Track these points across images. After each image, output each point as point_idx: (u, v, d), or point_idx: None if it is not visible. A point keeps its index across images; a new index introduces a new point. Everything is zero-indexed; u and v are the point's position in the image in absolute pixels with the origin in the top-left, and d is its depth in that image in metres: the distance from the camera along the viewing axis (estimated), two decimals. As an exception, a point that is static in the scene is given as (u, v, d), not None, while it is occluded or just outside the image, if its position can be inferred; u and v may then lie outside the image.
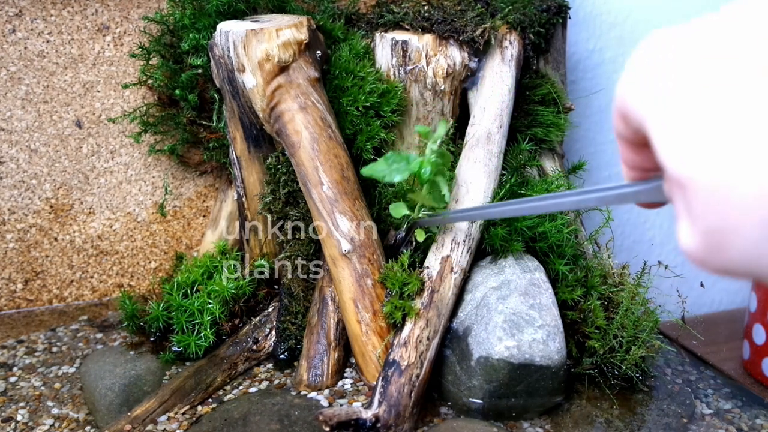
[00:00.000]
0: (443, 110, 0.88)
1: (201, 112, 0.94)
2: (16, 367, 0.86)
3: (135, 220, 1.02)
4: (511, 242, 0.80)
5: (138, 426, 0.74)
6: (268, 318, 0.89)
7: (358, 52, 0.87)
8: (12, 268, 0.98)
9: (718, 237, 0.20)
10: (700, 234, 0.21)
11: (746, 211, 0.19)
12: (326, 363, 0.81)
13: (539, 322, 0.74)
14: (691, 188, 0.21)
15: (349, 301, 0.79)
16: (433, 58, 0.85)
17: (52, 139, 0.96)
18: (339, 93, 0.86)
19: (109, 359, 0.84)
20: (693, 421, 0.78)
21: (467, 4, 0.89)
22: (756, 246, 0.19)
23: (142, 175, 1.01)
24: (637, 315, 0.80)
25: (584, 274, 0.84)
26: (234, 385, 0.82)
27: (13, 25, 0.91)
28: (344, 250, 0.79)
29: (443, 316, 0.77)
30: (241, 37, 0.79)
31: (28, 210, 0.97)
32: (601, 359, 0.80)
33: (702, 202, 0.20)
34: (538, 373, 0.73)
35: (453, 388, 0.77)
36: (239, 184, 0.91)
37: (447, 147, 0.89)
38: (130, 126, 0.98)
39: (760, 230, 0.19)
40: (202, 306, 0.86)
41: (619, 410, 0.78)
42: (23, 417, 0.76)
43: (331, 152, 0.81)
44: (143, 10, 0.96)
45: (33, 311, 1.00)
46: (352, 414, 0.68)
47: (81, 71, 0.95)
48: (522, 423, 0.76)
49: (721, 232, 0.20)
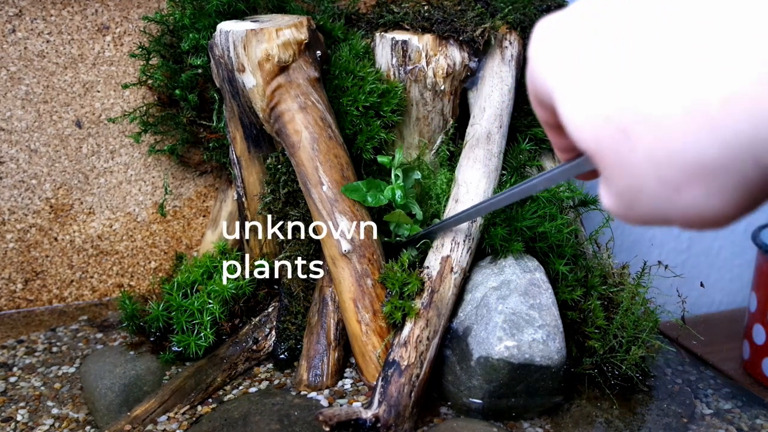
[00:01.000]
0: (443, 110, 0.88)
1: (201, 112, 0.94)
2: (16, 367, 0.86)
3: (135, 220, 1.02)
4: (511, 242, 0.80)
5: (138, 426, 0.74)
6: (268, 318, 0.89)
7: (358, 52, 0.87)
8: (12, 268, 0.98)
9: (629, 196, 0.24)
10: (615, 195, 0.25)
11: (645, 173, 0.22)
12: (326, 363, 0.81)
13: (539, 322, 0.74)
14: (599, 158, 0.24)
15: (349, 301, 0.79)
16: (433, 58, 0.85)
17: (52, 139, 0.96)
18: (339, 93, 0.86)
19: (109, 359, 0.84)
20: (693, 421, 0.78)
21: (467, 4, 0.89)
22: (661, 200, 0.22)
23: (142, 175, 1.01)
24: (637, 315, 0.80)
25: (584, 274, 0.84)
26: (234, 385, 0.82)
27: (13, 25, 0.91)
28: (344, 250, 0.79)
29: (443, 316, 0.77)
30: (241, 37, 0.79)
31: (28, 210, 0.97)
32: (601, 359, 0.80)
33: (610, 168, 0.24)
34: (538, 373, 0.73)
35: (453, 388, 0.77)
36: (239, 184, 0.91)
37: (447, 147, 0.89)
38: (130, 126, 0.98)
39: (660, 187, 0.22)
40: (202, 306, 0.86)
41: (619, 410, 0.78)
42: (23, 417, 0.77)
43: (331, 152, 0.81)
44: (143, 10, 0.96)
45: (33, 311, 1.00)
46: (352, 414, 0.68)
47: (81, 71, 0.95)
48: (522, 423, 0.76)
49: (630, 191, 0.23)
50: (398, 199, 0.81)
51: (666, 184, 0.22)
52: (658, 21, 0.22)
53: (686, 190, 0.22)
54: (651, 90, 0.21)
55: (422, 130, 0.89)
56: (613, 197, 0.25)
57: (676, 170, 0.21)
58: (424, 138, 0.89)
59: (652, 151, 0.22)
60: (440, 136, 0.89)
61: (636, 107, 0.22)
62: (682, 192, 0.22)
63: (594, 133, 0.23)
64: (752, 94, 0.19)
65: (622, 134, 0.22)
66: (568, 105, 0.25)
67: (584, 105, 0.24)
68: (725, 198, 0.21)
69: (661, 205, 0.23)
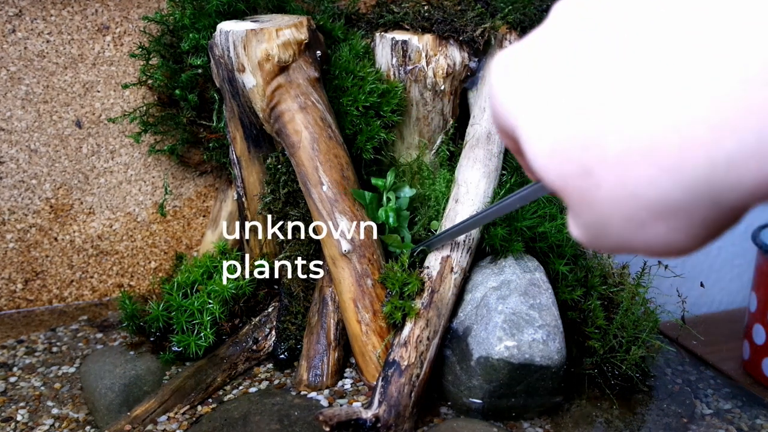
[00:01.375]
0: (443, 110, 0.88)
1: (201, 112, 0.94)
2: (16, 367, 0.86)
3: (135, 220, 1.02)
4: (511, 242, 0.80)
5: (138, 426, 0.74)
6: (268, 318, 0.89)
7: (358, 52, 0.87)
8: (12, 268, 0.98)
9: (595, 229, 0.24)
10: (581, 227, 0.25)
11: (609, 211, 0.23)
12: (326, 363, 0.81)
13: (539, 322, 0.74)
14: (564, 195, 0.24)
15: (349, 301, 0.79)
16: (433, 58, 0.85)
17: (52, 139, 0.96)
18: (339, 93, 0.86)
19: (109, 359, 0.84)
20: (693, 421, 0.78)
21: (467, 4, 0.89)
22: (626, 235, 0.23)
23: (142, 175, 1.01)
24: (637, 315, 0.80)
25: (584, 274, 0.84)
26: (234, 385, 0.82)
27: (13, 25, 0.91)
28: (344, 250, 0.79)
29: (443, 316, 0.77)
30: (241, 37, 0.79)
31: (28, 210, 0.97)
32: (601, 359, 0.80)
33: (576, 204, 0.24)
34: (538, 373, 0.73)
35: (453, 388, 0.77)
36: (239, 184, 0.91)
37: (447, 147, 0.89)
38: (130, 126, 0.98)
39: (624, 223, 0.23)
40: (202, 306, 0.86)
41: (619, 410, 0.78)
42: (23, 417, 0.76)
43: (331, 152, 0.81)
44: (143, 10, 0.96)
45: (33, 311, 1.00)
46: (353, 414, 0.68)
47: (81, 71, 0.95)
48: (522, 423, 0.76)
49: (596, 226, 0.24)
50: (391, 222, 0.83)
51: (630, 221, 0.23)
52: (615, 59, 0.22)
53: (650, 226, 0.22)
54: (611, 131, 0.22)
55: (422, 130, 0.89)
56: (581, 229, 0.25)
57: (640, 209, 0.22)
58: (424, 138, 0.89)
59: (615, 191, 0.22)
60: (440, 136, 0.89)
61: (597, 148, 0.22)
62: (646, 228, 0.22)
63: (558, 172, 0.24)
64: (707, 140, 0.20)
65: (585, 173, 0.23)
66: (531, 143, 0.25)
67: (546, 143, 0.24)
68: (688, 233, 0.22)
69: (627, 239, 0.23)
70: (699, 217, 0.21)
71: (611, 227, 0.23)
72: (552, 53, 0.25)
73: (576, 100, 0.23)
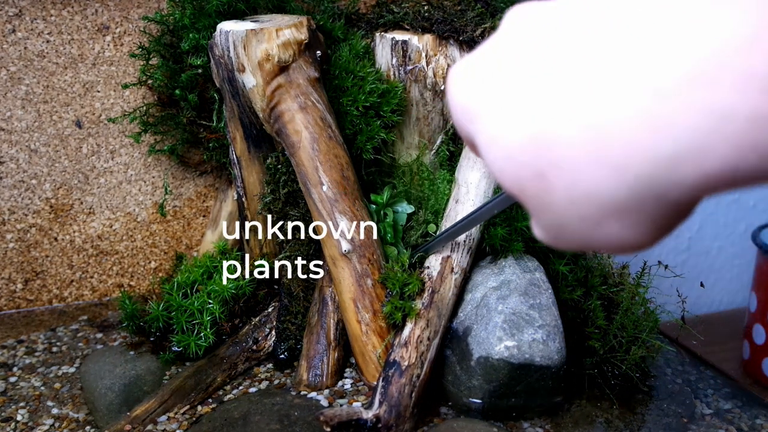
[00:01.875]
0: (443, 110, 0.88)
1: (201, 112, 0.94)
2: (16, 367, 0.86)
3: (135, 220, 1.02)
4: (511, 242, 0.80)
5: (138, 426, 0.74)
6: (268, 318, 0.89)
7: (358, 52, 0.87)
8: (12, 268, 0.98)
9: (555, 229, 0.25)
10: (542, 228, 0.26)
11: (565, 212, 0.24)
12: (326, 363, 0.81)
13: (539, 322, 0.74)
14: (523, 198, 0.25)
15: (349, 301, 0.79)
16: (433, 58, 0.85)
17: (52, 139, 0.96)
18: (339, 93, 0.86)
19: (109, 359, 0.84)
20: (693, 421, 0.78)
21: (467, 4, 0.89)
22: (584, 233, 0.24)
23: (142, 175, 1.01)
24: (637, 315, 0.80)
25: (584, 274, 0.84)
26: (234, 385, 0.82)
27: (13, 25, 0.91)
28: (344, 250, 0.79)
29: (443, 317, 0.77)
30: (241, 37, 0.79)
31: (28, 210, 0.97)
32: (601, 359, 0.80)
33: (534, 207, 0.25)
34: (538, 373, 0.73)
35: (453, 388, 0.77)
36: (239, 184, 0.91)
37: (447, 147, 0.89)
38: (130, 126, 0.98)
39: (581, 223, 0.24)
40: (202, 306, 0.86)
41: (619, 410, 0.78)
42: (23, 417, 0.76)
43: (331, 152, 0.81)
44: (143, 10, 0.96)
45: (33, 311, 1.00)
46: (353, 414, 0.68)
47: (81, 71, 0.95)
48: (522, 423, 0.76)
49: (554, 226, 0.25)
50: (389, 238, 0.84)
51: (586, 220, 0.23)
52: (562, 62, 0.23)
53: (605, 225, 0.23)
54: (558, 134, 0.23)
55: (422, 130, 0.89)
56: (542, 230, 0.26)
57: (593, 209, 0.23)
58: (424, 138, 0.89)
59: (569, 192, 0.23)
60: (440, 136, 0.89)
61: (549, 151, 0.23)
62: (602, 227, 0.23)
63: (514, 178, 0.24)
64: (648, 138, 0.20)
65: (539, 177, 0.23)
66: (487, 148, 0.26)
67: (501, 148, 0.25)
68: (641, 230, 0.23)
69: (585, 237, 0.24)
70: (649, 214, 0.22)
71: (569, 227, 0.24)
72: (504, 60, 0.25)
73: (526, 104, 0.24)
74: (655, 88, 0.20)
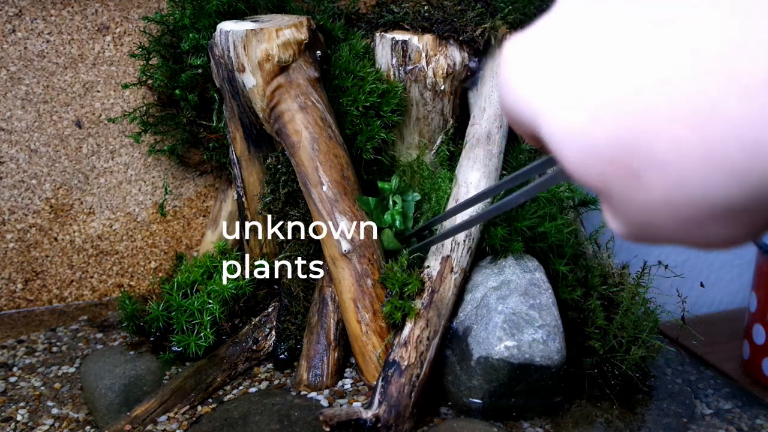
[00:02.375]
0: (443, 110, 0.88)
1: (201, 112, 0.94)
2: (16, 367, 0.86)
3: (135, 220, 1.02)
4: (511, 242, 0.80)
5: (138, 426, 0.74)
6: (268, 318, 0.89)
7: (358, 52, 0.87)
8: (12, 268, 0.98)
9: (642, 228, 0.22)
10: (624, 224, 0.23)
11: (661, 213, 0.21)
12: (326, 363, 0.81)
13: (539, 322, 0.74)
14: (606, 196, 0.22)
15: (349, 301, 0.79)
16: (433, 58, 0.85)
17: (52, 139, 0.96)
18: (339, 93, 0.86)
19: (109, 359, 0.84)
20: (693, 421, 0.78)
21: (467, 4, 0.89)
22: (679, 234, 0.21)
23: (142, 175, 1.01)
24: (637, 315, 0.80)
25: (584, 274, 0.84)
26: (234, 385, 0.82)
27: (13, 25, 0.91)
28: (344, 250, 0.79)
29: (443, 317, 0.77)
30: (241, 37, 0.79)
31: (28, 210, 0.97)
32: (601, 359, 0.80)
33: (619, 204, 0.22)
34: (538, 373, 0.73)
35: (453, 388, 0.77)
36: (239, 184, 0.91)
37: (447, 147, 0.89)
38: (130, 126, 0.98)
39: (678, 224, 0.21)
40: (202, 306, 0.86)
41: (619, 410, 0.78)
42: (23, 417, 0.77)
43: (331, 152, 0.81)
44: (143, 10, 0.96)
45: (33, 311, 1.00)
46: (353, 414, 0.68)
47: (81, 71, 0.95)
48: (522, 423, 0.76)
49: (644, 225, 0.22)
50: (398, 225, 0.83)
51: (686, 222, 0.21)
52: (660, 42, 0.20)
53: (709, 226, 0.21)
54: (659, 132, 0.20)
55: (422, 130, 0.89)
56: (623, 226, 0.23)
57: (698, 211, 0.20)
58: (424, 138, 0.89)
59: (670, 194, 0.20)
60: (440, 136, 0.89)
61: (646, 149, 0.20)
62: (703, 228, 0.21)
63: (599, 173, 0.21)
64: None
65: (632, 177, 0.21)
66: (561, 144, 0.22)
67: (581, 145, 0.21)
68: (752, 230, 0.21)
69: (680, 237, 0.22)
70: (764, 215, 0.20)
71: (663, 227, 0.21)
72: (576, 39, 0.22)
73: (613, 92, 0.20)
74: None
